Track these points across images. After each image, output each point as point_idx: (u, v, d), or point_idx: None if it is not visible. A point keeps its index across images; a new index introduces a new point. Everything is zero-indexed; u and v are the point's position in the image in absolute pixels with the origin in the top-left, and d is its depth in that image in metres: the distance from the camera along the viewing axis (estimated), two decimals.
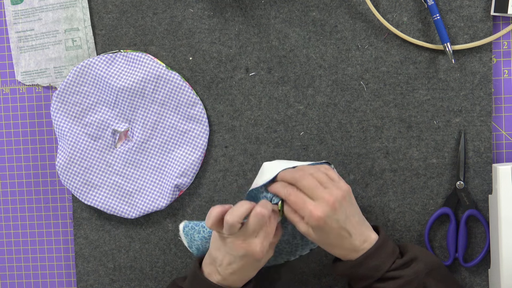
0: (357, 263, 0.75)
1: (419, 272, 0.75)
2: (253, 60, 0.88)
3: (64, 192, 0.94)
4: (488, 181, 0.86)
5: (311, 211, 0.72)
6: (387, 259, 0.75)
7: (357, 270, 0.75)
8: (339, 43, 0.87)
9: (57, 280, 0.95)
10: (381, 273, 0.75)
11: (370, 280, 0.75)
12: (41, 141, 0.94)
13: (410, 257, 0.76)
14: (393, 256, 0.76)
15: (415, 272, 0.74)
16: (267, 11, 0.88)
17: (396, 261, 0.75)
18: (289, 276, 0.90)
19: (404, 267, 0.75)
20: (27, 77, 0.93)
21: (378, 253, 0.75)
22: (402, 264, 0.75)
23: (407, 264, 0.75)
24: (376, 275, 0.75)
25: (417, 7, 0.86)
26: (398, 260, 0.76)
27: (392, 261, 0.75)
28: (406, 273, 0.74)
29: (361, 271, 0.75)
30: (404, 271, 0.74)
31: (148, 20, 0.90)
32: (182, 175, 0.88)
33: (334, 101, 0.88)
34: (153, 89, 0.88)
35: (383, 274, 0.75)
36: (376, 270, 0.75)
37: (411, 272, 0.74)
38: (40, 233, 0.95)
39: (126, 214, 0.90)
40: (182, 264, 0.91)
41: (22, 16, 0.92)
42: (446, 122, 0.86)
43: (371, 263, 0.75)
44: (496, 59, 0.86)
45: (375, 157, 0.87)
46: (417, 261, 0.76)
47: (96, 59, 0.89)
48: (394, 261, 0.75)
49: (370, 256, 0.75)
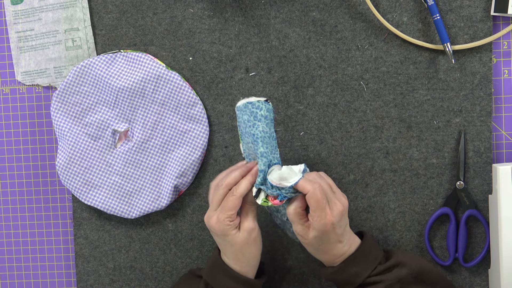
0: (337, 269, 0.76)
1: (401, 277, 0.75)
2: (253, 60, 0.88)
3: (64, 192, 0.94)
4: (488, 181, 0.86)
5: (327, 214, 0.72)
6: (368, 265, 0.75)
7: (338, 276, 0.76)
8: (339, 43, 0.87)
9: (57, 280, 0.95)
10: (361, 279, 0.75)
11: (351, 286, 0.76)
12: (41, 141, 0.94)
13: (393, 262, 0.76)
14: (375, 262, 0.76)
15: (397, 277, 0.75)
16: (267, 11, 0.88)
17: (377, 266, 0.76)
18: (289, 276, 0.90)
19: (385, 272, 0.75)
20: (27, 77, 0.93)
21: (358, 259, 0.76)
22: (383, 269, 0.76)
23: (389, 269, 0.76)
24: (356, 281, 0.75)
25: (417, 7, 0.86)
26: (380, 266, 0.76)
27: (373, 267, 0.76)
28: (386, 277, 0.74)
29: (342, 277, 0.76)
30: (385, 276, 0.75)
31: (148, 20, 0.90)
32: (182, 175, 0.88)
33: (334, 101, 0.88)
34: (153, 89, 0.88)
35: (364, 280, 0.75)
36: (356, 276, 0.75)
37: (392, 277, 0.75)
38: (40, 233, 0.95)
39: (126, 214, 0.90)
40: (182, 264, 0.91)
41: (22, 16, 0.92)
42: (446, 122, 0.86)
43: (351, 270, 0.75)
44: (496, 59, 0.86)
45: (375, 157, 0.87)
46: (400, 266, 0.76)
47: (96, 59, 0.89)
48: (375, 267, 0.76)
49: (350, 262, 0.75)
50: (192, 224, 0.91)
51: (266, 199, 0.75)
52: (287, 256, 0.90)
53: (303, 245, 0.77)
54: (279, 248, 0.90)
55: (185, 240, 0.91)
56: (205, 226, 0.90)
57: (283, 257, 0.90)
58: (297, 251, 0.89)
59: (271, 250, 0.89)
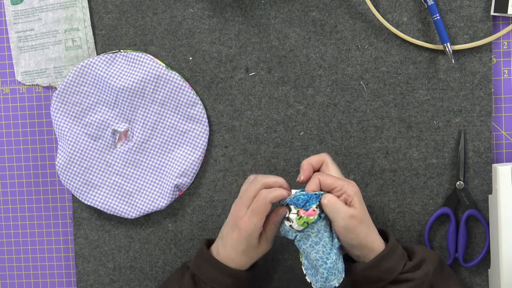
0: (371, 264, 0.75)
1: (428, 273, 0.75)
2: (253, 60, 0.88)
3: (64, 192, 0.94)
4: (488, 181, 0.86)
5: (349, 184, 0.75)
6: (399, 261, 0.75)
7: (371, 272, 0.75)
8: (339, 43, 0.87)
9: (57, 280, 0.95)
10: (394, 275, 0.74)
11: (383, 283, 0.75)
12: (41, 141, 0.94)
13: (420, 258, 0.76)
14: (404, 258, 0.76)
15: (426, 274, 0.75)
16: (267, 11, 0.88)
17: (407, 263, 0.76)
18: (289, 276, 0.90)
19: (415, 269, 0.75)
20: (27, 77, 0.93)
21: (391, 255, 0.75)
22: (413, 266, 0.75)
23: (418, 266, 0.76)
24: (389, 278, 0.75)
25: (417, 7, 0.86)
26: (409, 262, 0.76)
27: (403, 263, 0.75)
28: (417, 275, 0.74)
29: (374, 273, 0.75)
30: (416, 274, 0.75)
31: (148, 20, 0.90)
32: (182, 175, 0.88)
33: (334, 101, 0.88)
34: (153, 89, 0.88)
35: (396, 277, 0.75)
36: (389, 272, 0.75)
37: (422, 274, 0.74)
38: (40, 233, 0.95)
39: (126, 214, 0.90)
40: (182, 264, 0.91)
41: (22, 16, 0.92)
42: (446, 122, 0.86)
43: (385, 265, 0.75)
44: (496, 59, 0.86)
45: (375, 157, 0.87)
46: (426, 263, 0.76)
47: (96, 59, 0.89)
48: (405, 264, 0.75)
49: (384, 257, 0.75)
50: (192, 224, 0.91)
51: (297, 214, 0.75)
52: (287, 256, 0.90)
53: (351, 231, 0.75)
54: (279, 248, 0.90)
55: (185, 240, 0.91)
56: (205, 226, 0.90)
57: (283, 257, 0.90)
58: (297, 251, 0.89)
59: (271, 250, 0.89)
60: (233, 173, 0.89)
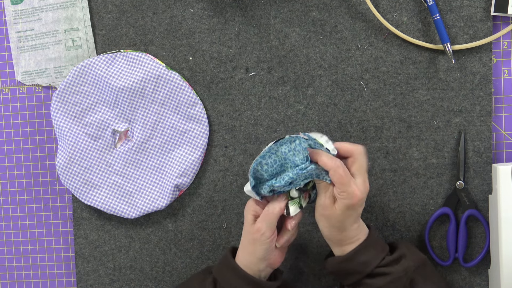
0: (347, 258, 0.76)
1: (408, 269, 0.75)
2: (253, 60, 0.88)
3: (64, 192, 0.94)
4: (488, 181, 0.86)
5: (354, 190, 0.73)
6: (377, 255, 0.76)
7: (347, 265, 0.76)
8: (339, 43, 0.87)
9: (57, 280, 0.95)
10: (370, 269, 0.75)
11: (359, 276, 0.76)
12: (41, 141, 0.94)
13: (399, 254, 0.77)
14: (383, 252, 0.76)
15: (404, 269, 0.75)
16: (267, 11, 0.88)
17: (385, 257, 0.76)
18: (289, 276, 0.90)
19: (393, 264, 0.76)
20: (27, 77, 0.93)
21: (368, 248, 0.76)
22: (392, 260, 0.76)
23: (397, 260, 0.76)
24: (365, 271, 0.75)
25: (417, 7, 0.86)
26: (388, 256, 0.76)
27: (381, 257, 0.76)
28: (395, 269, 0.75)
29: (351, 266, 0.76)
30: (394, 268, 0.75)
31: (148, 20, 0.90)
32: (182, 175, 0.88)
33: (334, 101, 0.88)
34: (153, 89, 0.88)
35: (372, 270, 0.75)
36: (365, 265, 0.75)
37: (400, 269, 0.75)
38: (40, 233, 0.95)
39: (126, 214, 0.90)
40: (182, 264, 0.91)
41: (22, 16, 0.92)
42: (446, 122, 0.86)
43: (361, 258, 0.75)
44: (496, 59, 0.86)
45: (375, 157, 0.87)
46: (406, 258, 0.76)
47: (96, 59, 0.89)
48: (383, 258, 0.76)
49: (360, 251, 0.75)
50: (192, 224, 0.91)
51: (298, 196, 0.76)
52: (287, 256, 0.90)
53: (320, 220, 0.76)
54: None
55: (185, 240, 0.91)
56: (205, 226, 0.90)
57: None
58: (297, 251, 0.89)
59: None
60: (233, 173, 0.89)
